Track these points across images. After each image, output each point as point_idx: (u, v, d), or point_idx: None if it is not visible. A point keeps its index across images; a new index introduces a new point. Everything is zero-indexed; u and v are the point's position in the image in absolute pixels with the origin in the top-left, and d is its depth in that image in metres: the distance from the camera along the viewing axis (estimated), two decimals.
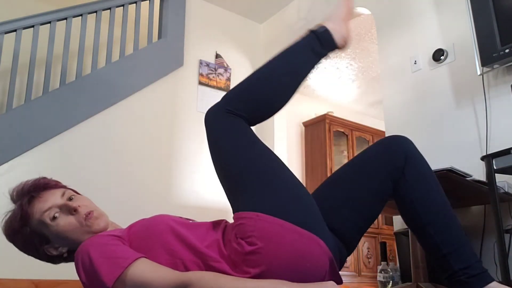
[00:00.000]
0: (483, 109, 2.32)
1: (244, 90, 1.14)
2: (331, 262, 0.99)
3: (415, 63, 2.76)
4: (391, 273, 2.30)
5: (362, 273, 4.59)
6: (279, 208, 0.98)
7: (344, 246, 1.12)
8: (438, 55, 2.61)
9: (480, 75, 2.29)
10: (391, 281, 2.28)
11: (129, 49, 3.45)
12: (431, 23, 2.72)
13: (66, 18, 3.09)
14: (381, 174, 1.11)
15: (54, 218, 1.07)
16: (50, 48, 3.00)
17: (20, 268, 2.50)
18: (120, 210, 2.93)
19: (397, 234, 2.46)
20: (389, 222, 4.89)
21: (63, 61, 3.01)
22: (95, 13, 3.21)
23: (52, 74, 3.05)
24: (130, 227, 1.10)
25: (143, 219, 1.11)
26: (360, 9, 3.36)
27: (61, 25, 3.12)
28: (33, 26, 2.95)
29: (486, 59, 2.20)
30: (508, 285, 1.60)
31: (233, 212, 1.05)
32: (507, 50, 2.10)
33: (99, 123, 3.05)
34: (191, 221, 1.14)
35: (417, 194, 1.10)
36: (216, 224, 1.10)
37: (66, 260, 1.14)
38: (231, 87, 3.89)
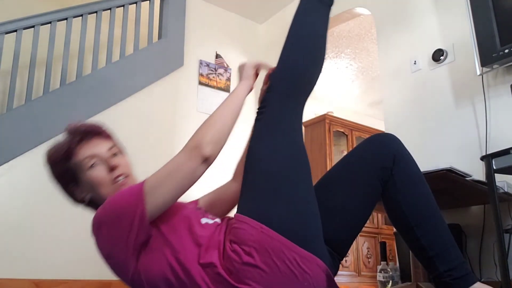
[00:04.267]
0: (482, 109, 2.33)
1: (283, 71, 1.15)
2: (329, 277, 0.98)
3: (415, 63, 2.76)
4: (390, 273, 2.31)
5: (362, 273, 4.59)
6: (285, 225, 0.96)
7: (336, 254, 1.11)
8: (438, 55, 2.61)
9: (479, 75, 2.30)
10: (390, 281, 2.29)
11: (129, 49, 3.46)
12: (431, 24, 2.73)
13: (66, 18, 3.10)
14: (370, 175, 1.10)
15: (91, 166, 1.10)
16: (51, 48, 3.00)
17: (21, 268, 2.51)
18: None
19: (397, 234, 2.46)
20: (389, 222, 4.89)
21: (64, 61, 3.02)
22: (95, 13, 3.22)
23: (52, 74, 3.05)
24: None
25: None
26: (360, 9, 3.37)
27: (61, 25, 3.12)
28: (33, 26, 2.95)
29: (486, 59, 2.21)
30: (508, 285, 1.61)
31: (237, 210, 1.04)
32: (506, 51, 2.11)
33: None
34: (204, 219, 1.12)
35: (404, 196, 1.09)
36: (222, 223, 1.08)
37: (85, 206, 1.19)
38: (231, 87, 3.91)
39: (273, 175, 1.02)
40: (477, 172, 2.02)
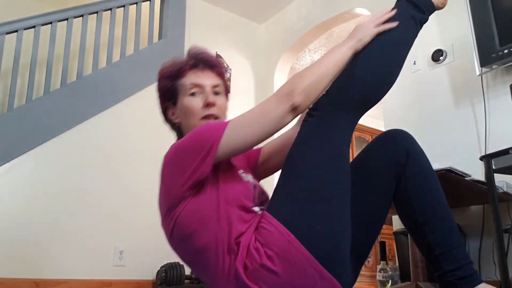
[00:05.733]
0: (482, 109, 2.33)
1: (352, 80, 1.05)
2: None
3: (414, 64, 2.77)
4: (390, 273, 2.31)
5: (361, 272, 4.58)
6: (315, 242, 0.94)
7: (358, 259, 1.08)
8: (437, 56, 2.62)
9: (479, 75, 2.30)
10: (390, 281, 2.29)
11: (130, 50, 3.46)
12: (430, 24, 2.70)
13: (67, 19, 3.10)
14: (386, 173, 1.09)
15: (191, 94, 1.16)
16: (51, 48, 3.00)
17: (21, 267, 2.51)
18: (120, 209, 2.94)
19: (396, 234, 2.47)
20: (388, 222, 4.89)
21: (64, 61, 3.02)
22: (96, 14, 3.22)
23: (53, 74, 3.05)
24: None
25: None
26: (359, 10, 3.37)
27: (62, 26, 3.13)
28: (34, 27, 2.96)
29: (485, 60, 2.21)
30: (507, 285, 1.61)
31: (269, 208, 1.01)
32: (506, 51, 2.11)
33: (100, 123, 3.05)
34: (257, 191, 1.10)
35: (416, 192, 1.08)
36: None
37: (171, 128, 1.25)
38: (231, 87, 3.90)
39: (315, 187, 0.98)
40: (477, 172, 2.03)
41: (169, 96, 1.20)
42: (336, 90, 1.05)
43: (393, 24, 1.09)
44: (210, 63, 1.21)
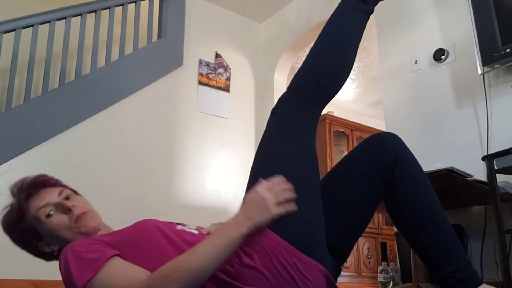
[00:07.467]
0: (484, 109, 2.32)
1: (307, 74, 1.11)
2: (329, 281, 0.98)
3: (415, 63, 2.75)
4: (391, 274, 2.30)
5: (363, 274, 4.59)
6: (288, 230, 0.95)
7: (337, 261, 1.08)
8: (439, 55, 2.60)
9: (481, 74, 2.29)
10: (391, 282, 2.28)
11: (129, 49, 3.45)
12: (431, 23, 2.72)
13: (65, 18, 3.09)
14: (371, 176, 1.08)
15: (48, 215, 1.07)
16: (50, 47, 2.99)
17: (20, 269, 2.50)
18: (119, 210, 2.92)
19: (398, 235, 2.46)
20: (390, 223, 4.89)
21: (63, 60, 3.01)
22: (94, 13, 3.21)
23: (51, 73, 3.04)
24: (114, 234, 1.05)
25: (125, 228, 1.07)
26: None
27: (60, 25, 3.12)
28: (32, 26, 2.95)
29: (487, 59, 2.19)
30: (509, 286, 1.60)
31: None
32: (508, 50, 2.10)
33: (98, 122, 3.04)
34: (179, 226, 1.09)
35: (406, 196, 1.07)
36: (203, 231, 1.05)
37: (57, 258, 1.11)
38: (231, 86, 3.90)
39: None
40: (478, 172, 2.01)
41: (32, 236, 1.09)
42: (297, 86, 1.11)
43: (294, 208, 0.97)
44: (40, 183, 1.14)
